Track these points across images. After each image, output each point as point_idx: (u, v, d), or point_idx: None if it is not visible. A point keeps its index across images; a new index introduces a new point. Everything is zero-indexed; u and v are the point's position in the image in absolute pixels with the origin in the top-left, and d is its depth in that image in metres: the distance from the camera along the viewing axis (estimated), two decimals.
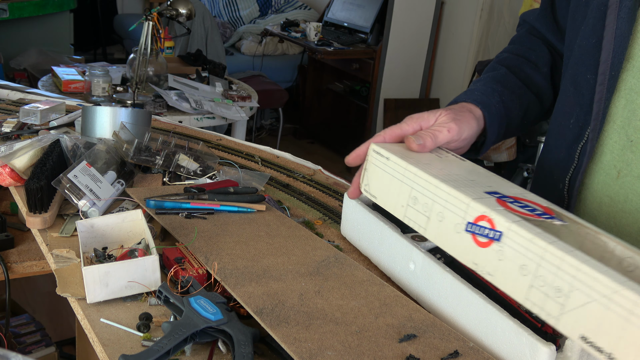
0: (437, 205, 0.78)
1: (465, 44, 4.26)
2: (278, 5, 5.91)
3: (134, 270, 0.89)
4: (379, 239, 0.99)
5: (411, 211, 0.83)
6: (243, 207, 1.15)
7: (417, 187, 0.81)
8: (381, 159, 0.88)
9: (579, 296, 0.61)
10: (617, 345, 0.58)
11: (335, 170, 1.48)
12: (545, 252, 0.64)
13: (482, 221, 0.72)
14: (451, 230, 0.76)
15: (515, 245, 0.68)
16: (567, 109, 0.95)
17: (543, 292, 0.65)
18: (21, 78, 4.15)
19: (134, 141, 1.29)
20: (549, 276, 0.64)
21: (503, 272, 0.70)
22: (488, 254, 0.71)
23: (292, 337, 0.77)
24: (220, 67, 3.37)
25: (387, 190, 0.87)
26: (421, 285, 0.91)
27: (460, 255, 0.76)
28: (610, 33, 0.84)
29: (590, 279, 0.60)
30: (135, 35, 4.17)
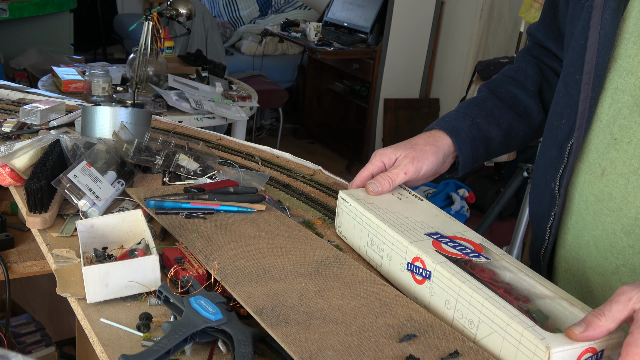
0: (387, 247, 0.93)
1: (465, 44, 4.26)
2: (278, 5, 5.91)
3: (134, 270, 0.89)
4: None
5: (370, 251, 0.98)
6: (243, 207, 1.15)
7: (372, 230, 0.96)
8: (347, 205, 1.02)
9: (484, 328, 0.76)
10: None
11: (335, 170, 1.48)
12: (460, 290, 0.79)
13: (417, 262, 0.86)
14: (397, 268, 0.91)
15: (440, 283, 0.82)
16: (559, 110, 0.98)
17: (461, 323, 0.79)
18: (21, 78, 4.15)
19: (134, 141, 1.29)
20: (464, 310, 0.79)
21: (435, 305, 0.84)
22: (424, 290, 0.86)
23: (292, 337, 0.77)
24: (220, 67, 3.37)
25: (352, 232, 1.02)
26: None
27: (405, 290, 0.90)
28: (595, 33, 0.87)
29: (491, 313, 0.74)
30: (135, 35, 4.17)
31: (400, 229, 0.91)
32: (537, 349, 0.68)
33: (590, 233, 0.93)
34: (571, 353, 0.69)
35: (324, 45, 4.46)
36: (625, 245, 0.88)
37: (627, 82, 0.85)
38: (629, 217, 0.87)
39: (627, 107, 0.85)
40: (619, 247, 0.89)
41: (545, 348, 0.68)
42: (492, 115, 1.11)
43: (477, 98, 1.14)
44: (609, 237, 0.90)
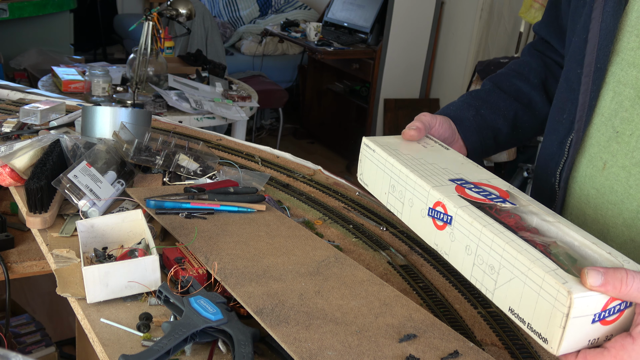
0: (408, 192, 0.89)
1: (465, 44, 4.26)
2: (278, 5, 5.91)
3: (134, 270, 0.89)
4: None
5: (391, 198, 0.93)
6: (243, 207, 1.15)
7: (394, 176, 0.92)
8: (369, 151, 0.98)
9: (505, 273, 0.71)
10: (533, 316, 0.67)
11: (335, 170, 1.48)
12: (481, 234, 0.74)
13: (438, 207, 0.82)
14: (418, 214, 0.87)
15: (461, 227, 0.78)
16: (561, 105, 0.99)
17: (482, 269, 0.75)
18: (21, 78, 4.15)
19: (134, 141, 1.29)
20: (485, 255, 0.74)
21: (455, 251, 0.80)
22: (444, 236, 0.81)
23: (292, 337, 0.77)
24: (220, 67, 3.37)
25: (375, 179, 0.98)
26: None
27: (426, 236, 0.86)
28: (595, 26, 0.88)
29: (512, 257, 0.70)
30: (135, 35, 4.17)
31: (423, 174, 0.87)
32: (559, 293, 0.64)
33: (591, 227, 0.93)
34: (596, 300, 0.64)
35: (324, 45, 4.46)
36: (626, 239, 0.88)
37: (629, 75, 0.86)
38: (630, 210, 0.87)
39: (629, 100, 0.86)
40: (620, 241, 0.89)
41: (567, 293, 0.63)
42: (497, 107, 1.11)
43: (480, 91, 1.14)
44: (610, 231, 0.90)
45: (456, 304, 0.99)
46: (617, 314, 0.66)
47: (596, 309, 0.65)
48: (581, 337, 0.66)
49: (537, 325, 0.67)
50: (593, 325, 0.66)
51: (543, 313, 0.66)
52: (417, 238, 1.22)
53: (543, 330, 0.67)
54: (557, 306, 0.64)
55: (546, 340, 0.66)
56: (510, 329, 0.93)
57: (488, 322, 0.95)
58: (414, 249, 1.17)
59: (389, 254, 1.14)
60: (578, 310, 0.63)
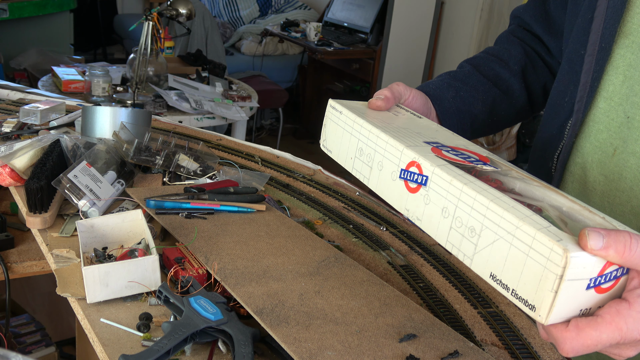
0: (378, 154, 0.80)
1: (465, 44, 4.26)
2: (278, 5, 5.91)
3: (134, 270, 0.89)
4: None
5: (358, 162, 0.85)
6: (243, 207, 1.15)
7: (363, 138, 0.83)
8: (335, 113, 0.90)
9: (488, 234, 0.63)
10: (519, 280, 0.60)
11: (335, 170, 1.48)
12: (462, 193, 0.67)
13: (412, 167, 0.74)
14: (388, 178, 0.78)
15: (438, 188, 0.70)
16: (562, 88, 0.96)
17: (460, 232, 0.67)
18: (21, 78, 4.15)
19: (134, 141, 1.29)
20: (464, 216, 0.66)
21: (429, 216, 0.72)
22: (417, 199, 0.73)
23: (292, 337, 0.77)
24: (220, 67, 3.37)
25: (340, 143, 0.89)
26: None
27: (395, 202, 0.78)
28: (603, 3, 0.85)
29: (497, 216, 0.62)
30: (135, 35, 4.17)
31: (396, 135, 0.79)
32: (552, 252, 0.57)
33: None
34: (594, 262, 0.57)
35: (324, 45, 4.46)
36: (634, 227, 0.86)
37: (639, 59, 0.84)
38: (639, 197, 0.85)
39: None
40: None
41: (562, 251, 0.56)
42: (476, 91, 1.06)
43: (459, 72, 1.08)
44: (617, 218, 0.89)
45: (456, 304, 0.99)
46: (612, 281, 0.60)
47: (592, 273, 0.58)
48: (573, 305, 0.59)
49: (524, 291, 0.59)
50: (587, 292, 0.59)
51: (532, 276, 0.58)
52: (417, 238, 1.22)
53: (530, 297, 0.59)
54: (550, 267, 0.57)
55: (533, 307, 0.59)
56: (510, 329, 0.93)
57: (488, 322, 0.95)
58: (414, 249, 1.17)
59: (389, 254, 1.14)
60: (573, 271, 0.56)
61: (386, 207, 1.36)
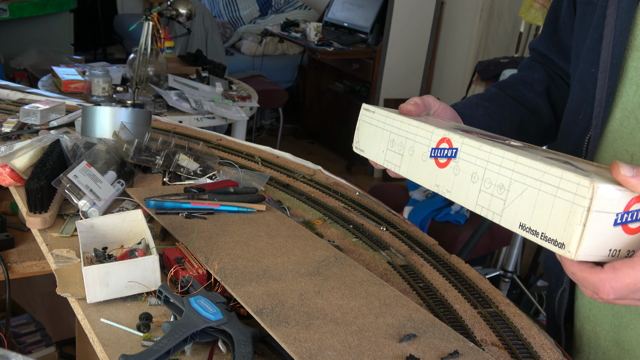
0: (409, 141, 0.86)
1: (465, 44, 4.26)
2: (278, 5, 5.91)
3: (134, 270, 0.89)
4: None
5: (389, 154, 0.91)
6: (243, 207, 1.15)
7: (394, 129, 0.90)
8: (368, 114, 0.97)
9: (516, 187, 0.67)
10: (548, 222, 0.63)
11: (335, 170, 1.48)
12: (490, 155, 0.71)
13: (442, 143, 0.79)
14: (419, 160, 0.84)
15: (467, 156, 0.75)
16: (575, 106, 1.00)
17: (489, 193, 0.71)
18: (21, 78, 4.15)
19: (134, 141, 1.29)
20: (493, 176, 0.71)
21: (458, 185, 0.77)
22: (447, 172, 0.79)
23: (292, 337, 0.77)
24: (220, 67, 3.37)
25: (372, 141, 0.96)
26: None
27: (425, 180, 0.83)
28: (610, 22, 0.89)
29: (525, 167, 0.66)
30: (135, 35, 4.17)
31: (426, 122, 0.86)
32: (579, 187, 0.59)
33: None
34: (620, 195, 0.60)
35: (324, 45, 4.46)
36: None
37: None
38: None
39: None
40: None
41: (589, 182, 0.58)
42: (504, 110, 1.11)
43: (486, 94, 1.13)
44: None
45: (456, 304, 0.99)
46: (639, 222, 0.61)
47: (619, 208, 0.60)
48: (602, 242, 0.61)
49: (553, 231, 0.62)
50: (615, 230, 0.61)
51: (560, 215, 0.61)
52: (417, 238, 1.22)
53: (559, 235, 0.61)
54: (577, 201, 0.59)
55: (562, 245, 0.61)
56: (510, 329, 0.93)
57: (488, 322, 0.95)
58: (414, 249, 1.17)
59: (389, 254, 1.14)
60: (600, 203, 0.58)
61: (386, 207, 1.36)
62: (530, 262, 3.10)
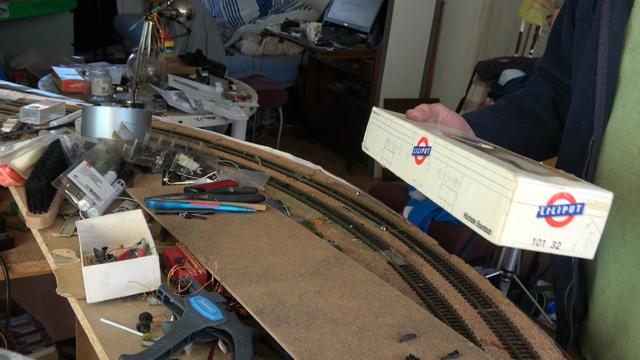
0: (400, 140, 0.93)
1: (465, 44, 4.26)
2: (278, 5, 5.91)
3: (134, 270, 0.89)
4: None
5: (385, 152, 0.98)
6: (243, 207, 1.15)
7: (391, 129, 0.97)
8: (375, 115, 1.03)
9: (465, 181, 0.74)
10: (482, 212, 0.69)
11: (335, 170, 1.48)
12: (452, 153, 0.78)
13: (421, 143, 0.86)
14: (404, 157, 0.91)
15: (437, 154, 0.82)
16: (578, 113, 1.06)
17: (447, 186, 0.78)
18: (21, 78, 4.15)
19: (134, 141, 1.29)
20: (451, 172, 0.77)
21: (428, 179, 0.83)
22: (421, 168, 0.86)
23: (292, 337, 0.77)
24: (220, 67, 3.36)
25: (374, 140, 1.02)
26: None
27: (406, 175, 0.90)
28: (605, 32, 0.96)
29: (472, 162, 0.73)
30: (135, 35, 4.17)
31: (417, 125, 0.92)
32: (506, 180, 0.66)
33: (636, 214, 0.96)
34: (542, 190, 0.65)
35: (324, 45, 4.45)
36: None
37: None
38: None
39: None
40: None
41: (513, 176, 0.65)
42: (512, 120, 1.17)
43: (495, 106, 1.20)
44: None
45: (456, 304, 0.99)
46: (564, 216, 0.66)
47: (541, 201, 0.65)
48: (525, 230, 0.66)
49: (484, 219, 0.68)
50: (538, 221, 0.66)
51: (491, 205, 0.67)
52: (417, 238, 1.22)
53: (489, 222, 0.67)
54: (503, 192, 0.65)
55: (489, 230, 0.67)
56: (510, 329, 0.93)
57: (488, 322, 0.95)
58: (414, 249, 1.17)
59: (389, 254, 1.14)
60: (522, 194, 0.64)
61: (386, 207, 1.36)
62: (530, 262, 3.10)
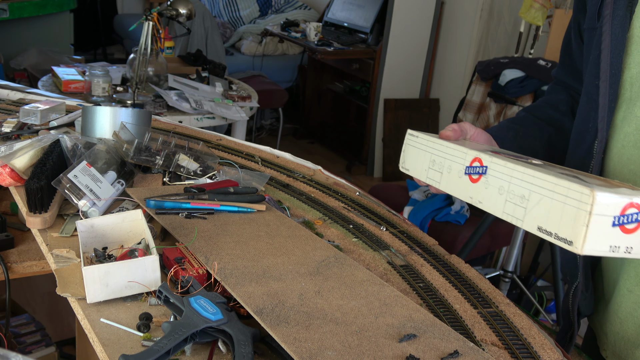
0: (447, 161, 0.99)
1: (465, 44, 4.26)
2: (278, 5, 5.91)
3: (134, 270, 0.89)
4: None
5: (431, 172, 1.04)
6: (243, 207, 1.15)
7: (435, 151, 1.03)
8: (413, 138, 1.09)
9: (534, 197, 0.80)
10: (559, 225, 0.75)
11: (335, 170, 1.48)
12: (513, 171, 0.84)
13: (474, 162, 0.92)
14: (455, 176, 0.97)
15: (495, 173, 0.88)
16: (584, 117, 1.09)
17: (513, 202, 0.84)
18: (21, 78, 4.15)
19: (134, 141, 1.29)
20: (516, 189, 0.84)
21: (488, 197, 0.89)
22: (478, 187, 0.91)
23: (292, 337, 0.77)
24: (220, 67, 3.37)
25: (415, 162, 1.08)
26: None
27: (461, 193, 0.96)
28: (607, 38, 1.00)
29: (541, 180, 0.79)
30: (135, 35, 4.17)
31: (462, 144, 0.99)
32: (582, 195, 0.72)
33: None
34: (615, 201, 0.72)
35: (324, 45, 4.46)
36: None
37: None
38: None
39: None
40: None
41: (589, 191, 0.71)
42: (533, 130, 1.21)
43: (516, 118, 1.25)
44: None
45: (456, 304, 0.99)
46: (634, 224, 0.73)
47: (615, 211, 0.72)
48: (603, 238, 0.72)
49: (563, 231, 0.74)
50: (613, 229, 0.73)
51: (568, 218, 0.74)
52: (417, 238, 1.22)
53: (568, 234, 0.73)
54: (581, 207, 0.72)
55: (571, 242, 0.73)
56: (510, 329, 0.93)
57: (488, 322, 0.95)
58: (414, 249, 1.17)
59: (389, 254, 1.14)
60: (600, 207, 0.71)
61: (386, 207, 1.36)
62: (530, 262, 3.10)
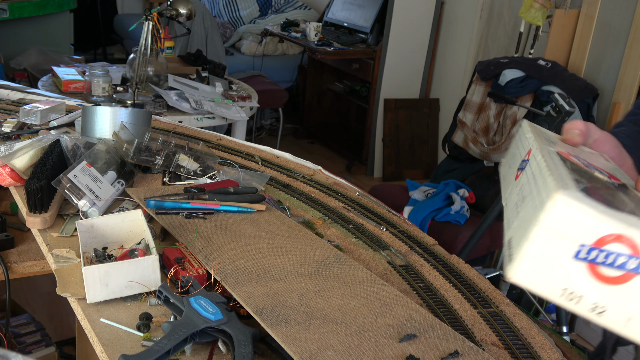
0: (518, 154, 0.78)
1: (465, 44, 4.26)
2: (278, 5, 5.91)
3: (134, 270, 0.89)
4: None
5: (506, 165, 0.83)
6: (243, 207, 1.15)
7: (520, 145, 0.80)
8: (520, 130, 0.87)
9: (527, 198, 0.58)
10: (517, 233, 0.52)
11: (335, 170, 1.48)
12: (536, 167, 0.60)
13: (526, 156, 0.68)
14: (513, 171, 0.74)
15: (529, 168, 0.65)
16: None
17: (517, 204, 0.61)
18: (21, 78, 4.15)
19: (134, 141, 1.29)
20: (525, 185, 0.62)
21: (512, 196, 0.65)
22: (517, 185, 0.67)
23: (292, 337, 0.77)
24: (220, 67, 3.36)
25: (513, 155, 0.87)
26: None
27: (504, 189, 0.73)
28: None
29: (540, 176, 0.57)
30: (135, 35, 4.17)
31: (540, 139, 0.73)
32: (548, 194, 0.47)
33: None
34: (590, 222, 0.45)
35: (324, 45, 4.45)
36: None
37: None
38: None
39: None
40: None
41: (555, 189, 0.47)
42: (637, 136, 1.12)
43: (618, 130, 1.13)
44: None
45: (456, 304, 0.99)
46: (618, 271, 0.45)
47: (584, 239, 0.45)
48: (551, 272, 0.46)
49: (515, 242, 0.50)
50: (575, 264, 0.45)
51: (526, 226, 0.49)
52: (417, 238, 1.22)
53: (515, 250, 0.49)
54: (537, 213, 0.47)
55: (510, 260, 0.49)
56: (510, 329, 0.93)
57: (488, 322, 0.95)
58: (414, 249, 1.17)
59: (389, 254, 1.14)
60: (555, 218, 0.45)
61: (386, 207, 1.36)
62: None
